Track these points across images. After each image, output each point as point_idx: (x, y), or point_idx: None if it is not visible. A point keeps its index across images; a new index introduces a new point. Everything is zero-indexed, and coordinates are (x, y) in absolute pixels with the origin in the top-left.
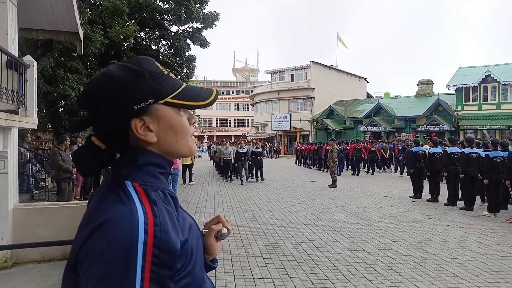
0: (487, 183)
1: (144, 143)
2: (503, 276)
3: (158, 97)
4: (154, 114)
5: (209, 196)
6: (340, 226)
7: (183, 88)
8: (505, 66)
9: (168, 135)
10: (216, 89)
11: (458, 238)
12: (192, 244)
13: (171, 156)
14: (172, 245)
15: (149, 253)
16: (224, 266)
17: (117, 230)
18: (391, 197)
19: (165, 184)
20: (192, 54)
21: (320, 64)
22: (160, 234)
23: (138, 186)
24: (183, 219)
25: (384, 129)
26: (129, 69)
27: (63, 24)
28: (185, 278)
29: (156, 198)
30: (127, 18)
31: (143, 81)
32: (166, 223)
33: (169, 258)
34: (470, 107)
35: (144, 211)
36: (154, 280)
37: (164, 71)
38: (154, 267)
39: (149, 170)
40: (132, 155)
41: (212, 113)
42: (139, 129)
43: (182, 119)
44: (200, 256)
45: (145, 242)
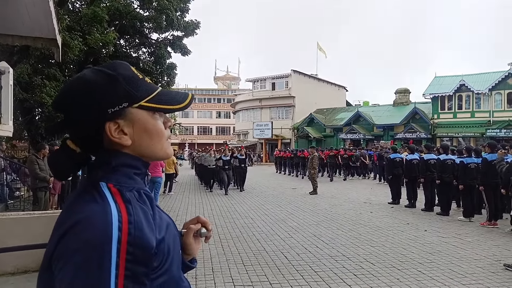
0: (462, 188)
1: (118, 146)
2: (477, 278)
3: (132, 100)
4: (128, 118)
5: (190, 204)
6: (321, 232)
7: (158, 92)
8: (479, 76)
9: (142, 138)
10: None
11: (435, 243)
12: (169, 243)
13: (146, 159)
14: (147, 242)
15: (124, 251)
16: (205, 274)
17: (90, 229)
18: (370, 204)
19: (140, 185)
20: (172, 62)
21: (301, 73)
22: (134, 232)
23: (113, 186)
24: (160, 218)
25: (363, 136)
26: (103, 74)
27: (40, 30)
28: (162, 276)
29: (131, 197)
30: (106, 25)
31: (117, 85)
32: (140, 221)
33: (143, 255)
34: (446, 115)
35: (118, 209)
36: (129, 277)
37: (139, 75)
38: (129, 264)
39: (124, 171)
40: (107, 157)
41: (194, 121)
42: (113, 132)
43: (157, 123)
44: (178, 255)
45: (119, 240)
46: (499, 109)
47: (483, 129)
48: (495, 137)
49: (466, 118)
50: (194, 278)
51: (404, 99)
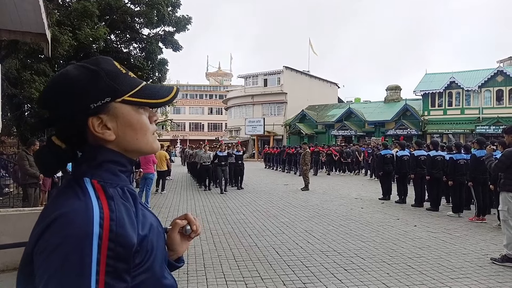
0: (451, 184)
1: (102, 141)
2: (465, 272)
3: (115, 95)
4: (111, 113)
5: (182, 200)
6: (312, 228)
7: (142, 86)
8: (468, 73)
9: (127, 133)
10: (189, 93)
11: (424, 238)
12: (152, 240)
13: (132, 154)
14: (128, 238)
15: (105, 247)
16: (196, 270)
17: (71, 224)
18: (361, 199)
19: (125, 182)
20: (164, 58)
21: (293, 69)
22: (116, 228)
23: (97, 182)
24: (143, 216)
25: (355, 133)
26: (85, 69)
27: (28, 24)
28: (144, 273)
29: (114, 194)
30: (97, 20)
31: (99, 80)
32: (122, 218)
33: (125, 252)
34: (436, 112)
35: (100, 205)
36: (110, 273)
37: (122, 70)
38: (110, 261)
39: (109, 167)
40: (91, 153)
41: (185, 117)
42: (96, 127)
43: (142, 117)
44: (161, 253)
45: (100, 236)
46: (488, 106)
47: (473, 125)
48: (484, 134)
49: (456, 115)
50: (186, 273)
51: (395, 96)
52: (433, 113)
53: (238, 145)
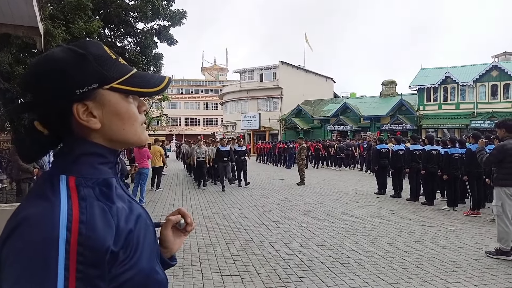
0: (446, 178)
1: (87, 130)
2: (459, 265)
3: (103, 81)
4: (98, 100)
5: (177, 196)
6: (308, 222)
7: (132, 73)
8: (463, 68)
9: (113, 122)
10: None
11: (420, 232)
12: (138, 234)
13: (117, 145)
14: (100, 242)
15: (73, 252)
16: (192, 264)
17: (35, 227)
18: (357, 194)
19: (106, 175)
20: (159, 52)
21: (288, 64)
22: (85, 231)
23: (73, 181)
24: (129, 209)
25: (351, 128)
26: (72, 52)
27: (21, 18)
28: (130, 270)
29: (88, 194)
30: (91, 14)
31: (87, 65)
32: (93, 220)
33: (96, 257)
34: (431, 107)
35: (70, 207)
36: (81, 280)
37: (112, 55)
38: (80, 266)
39: (87, 160)
40: (70, 145)
41: (181, 112)
42: (81, 114)
43: (130, 106)
44: (149, 247)
45: (68, 240)
46: (483, 101)
47: (468, 120)
48: (479, 129)
49: (451, 110)
50: (181, 268)
51: (390, 91)
52: (428, 108)
53: (240, 139)
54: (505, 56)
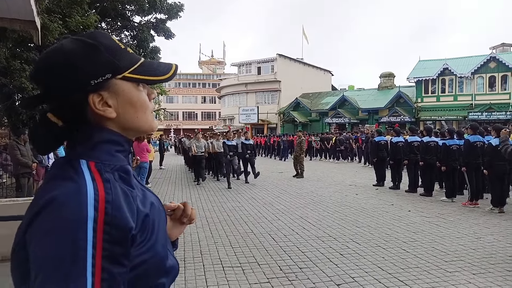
0: (444, 170)
1: (102, 119)
2: (458, 255)
3: (115, 71)
4: (112, 89)
5: (177, 189)
6: (307, 214)
7: (141, 62)
8: (461, 60)
9: (127, 110)
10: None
11: (419, 222)
12: (153, 220)
13: (131, 133)
14: (125, 222)
15: (100, 230)
16: (193, 256)
17: (64, 207)
18: (356, 186)
19: (122, 162)
20: (156, 46)
21: (286, 57)
22: (111, 211)
23: (93, 165)
24: (143, 195)
25: (349, 120)
26: (83, 43)
27: (17, 11)
28: (146, 253)
29: (110, 177)
30: (87, 8)
31: (99, 55)
32: (119, 201)
33: (121, 235)
34: (429, 98)
35: (96, 187)
36: (107, 257)
37: (121, 45)
38: (106, 244)
39: (105, 148)
40: (88, 133)
41: (179, 106)
42: (97, 104)
43: (142, 94)
44: (163, 233)
45: (95, 219)
46: (481, 93)
47: (465, 112)
48: (477, 120)
49: (449, 102)
50: (183, 260)
51: (388, 83)
52: (426, 100)
53: (247, 132)
54: (503, 47)
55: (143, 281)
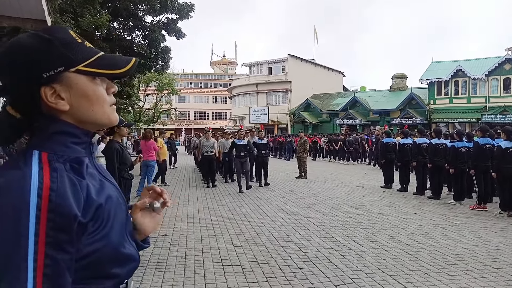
0: (453, 172)
1: (57, 112)
2: (461, 258)
3: (69, 65)
4: (65, 82)
5: (185, 188)
6: (312, 215)
7: (98, 56)
8: (475, 61)
9: (81, 103)
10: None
11: (424, 225)
12: (109, 209)
13: (88, 125)
14: (69, 209)
15: (44, 217)
16: (194, 254)
17: (6, 194)
18: (363, 187)
19: (79, 154)
20: (167, 45)
21: (297, 58)
22: (55, 199)
23: (45, 155)
24: (100, 186)
25: (360, 122)
26: (38, 37)
27: (29, 11)
28: (99, 241)
29: (59, 167)
30: (99, 7)
31: (52, 49)
32: (64, 189)
33: (65, 223)
34: (442, 100)
35: (41, 176)
36: (51, 244)
37: (78, 39)
38: (50, 231)
39: (60, 139)
40: (43, 125)
41: (190, 106)
42: (49, 97)
43: (98, 88)
44: (119, 223)
45: (39, 206)
46: (495, 95)
47: (479, 114)
48: (490, 123)
49: (462, 104)
50: (184, 258)
51: (400, 85)
52: (439, 102)
53: (261, 131)
54: None
55: (96, 269)
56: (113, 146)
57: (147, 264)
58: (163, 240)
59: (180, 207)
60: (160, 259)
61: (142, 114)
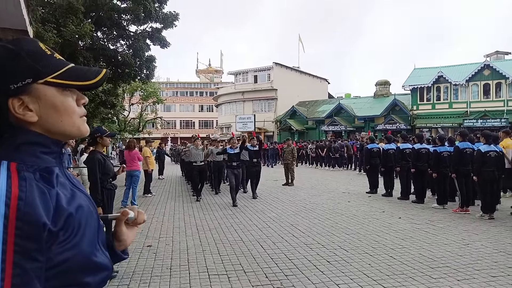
0: (435, 176)
1: (25, 123)
2: (445, 261)
3: (37, 76)
4: (33, 94)
5: (170, 197)
6: (298, 222)
7: (67, 68)
8: (456, 68)
9: (50, 114)
10: (180, 90)
11: (408, 229)
12: (80, 219)
13: (57, 136)
14: (37, 217)
15: (12, 226)
16: (180, 265)
17: None
18: (349, 193)
19: (49, 164)
20: (152, 55)
21: (282, 66)
22: (23, 208)
23: (14, 165)
24: (71, 196)
25: (345, 128)
26: (4, 49)
27: (9, 20)
28: (70, 250)
29: (28, 177)
30: (82, 17)
31: (19, 61)
32: (33, 198)
33: (34, 231)
34: (425, 106)
35: (9, 185)
36: (20, 253)
37: (47, 51)
38: (19, 240)
39: (29, 149)
40: (12, 134)
41: (176, 115)
42: (16, 108)
43: (67, 99)
44: (91, 232)
45: (6, 215)
46: (476, 100)
47: (461, 119)
48: (472, 127)
49: (444, 109)
50: (169, 269)
51: (384, 91)
52: (421, 107)
53: (254, 138)
54: (496, 55)
55: (67, 278)
56: (95, 156)
57: (132, 275)
58: (148, 251)
59: (166, 217)
60: (145, 270)
61: (127, 123)
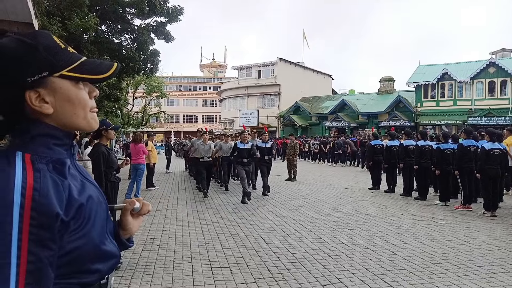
0: (438, 173)
1: (40, 114)
2: (446, 257)
3: (53, 70)
4: (49, 87)
5: (174, 191)
6: (300, 216)
7: (81, 61)
8: (461, 65)
9: (64, 107)
10: (183, 85)
11: (410, 225)
12: (90, 209)
13: (70, 128)
14: (51, 208)
15: (27, 216)
16: (183, 257)
17: None
18: (351, 189)
19: (60, 155)
20: (156, 49)
21: (287, 61)
22: (38, 198)
23: (28, 157)
24: (82, 187)
25: (348, 124)
26: (22, 42)
27: (15, 13)
28: (80, 239)
29: (42, 168)
30: (87, 10)
31: (36, 54)
32: (47, 189)
33: (48, 221)
34: (429, 103)
35: (25, 176)
36: (34, 241)
37: (61, 44)
38: (33, 229)
39: (42, 141)
40: (26, 126)
41: (179, 109)
42: (33, 101)
43: (80, 92)
44: (100, 221)
45: (22, 205)
46: (480, 98)
47: (465, 117)
48: (476, 125)
49: (448, 106)
50: (172, 261)
51: (388, 88)
52: (425, 104)
53: (265, 133)
54: (502, 52)
55: (78, 265)
56: (99, 149)
57: (136, 267)
58: (152, 243)
59: (169, 210)
60: (148, 262)
61: (130, 117)
